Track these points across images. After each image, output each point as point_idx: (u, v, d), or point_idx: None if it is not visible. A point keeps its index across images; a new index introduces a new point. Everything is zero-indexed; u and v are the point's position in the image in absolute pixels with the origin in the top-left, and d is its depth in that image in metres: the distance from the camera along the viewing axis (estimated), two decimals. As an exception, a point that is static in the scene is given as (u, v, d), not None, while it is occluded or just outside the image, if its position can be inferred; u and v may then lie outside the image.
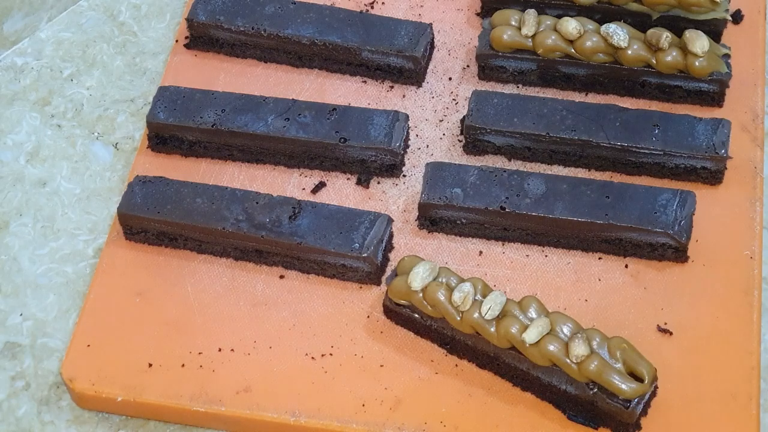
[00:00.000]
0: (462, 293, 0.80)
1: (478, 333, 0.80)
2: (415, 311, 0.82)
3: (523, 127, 0.91)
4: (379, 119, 0.91)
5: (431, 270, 0.81)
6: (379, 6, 1.01)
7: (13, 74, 1.01)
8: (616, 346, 0.78)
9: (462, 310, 0.80)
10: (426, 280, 0.81)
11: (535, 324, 0.78)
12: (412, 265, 0.82)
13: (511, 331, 0.78)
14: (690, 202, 0.86)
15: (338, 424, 0.81)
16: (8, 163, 0.96)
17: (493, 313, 0.79)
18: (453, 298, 0.80)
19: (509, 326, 0.78)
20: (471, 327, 0.80)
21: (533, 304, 0.80)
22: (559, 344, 0.78)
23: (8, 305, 0.89)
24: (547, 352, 0.77)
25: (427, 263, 0.81)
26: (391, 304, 0.83)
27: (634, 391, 0.77)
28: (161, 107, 0.92)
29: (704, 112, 0.93)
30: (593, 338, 0.78)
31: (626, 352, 0.78)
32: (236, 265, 0.88)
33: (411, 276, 0.81)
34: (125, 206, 0.88)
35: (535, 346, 0.78)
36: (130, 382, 0.82)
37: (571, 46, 0.93)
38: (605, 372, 0.77)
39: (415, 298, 0.81)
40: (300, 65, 0.98)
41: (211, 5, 0.98)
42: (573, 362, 0.77)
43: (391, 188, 0.91)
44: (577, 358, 0.77)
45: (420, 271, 0.81)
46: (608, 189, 0.87)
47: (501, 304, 0.79)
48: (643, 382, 0.77)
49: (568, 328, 0.78)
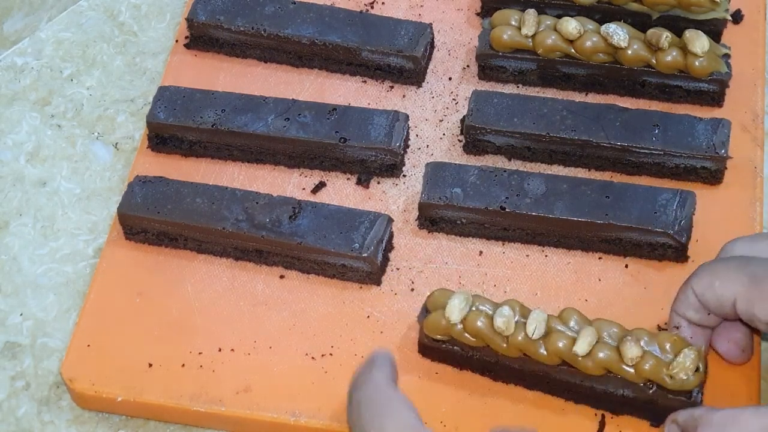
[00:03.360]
0: (504, 318, 0.78)
1: (525, 355, 0.79)
2: (456, 344, 0.80)
3: (523, 127, 0.91)
4: (379, 119, 0.91)
5: (467, 300, 0.79)
6: (379, 6, 1.01)
7: (13, 74, 1.01)
8: (665, 341, 0.77)
9: (506, 335, 0.78)
10: (464, 311, 0.79)
11: (582, 335, 0.77)
12: (444, 298, 0.80)
13: (560, 347, 0.77)
14: (690, 202, 0.86)
15: (338, 424, 0.81)
16: (8, 163, 0.96)
17: (539, 332, 0.77)
18: (496, 325, 0.78)
19: (557, 342, 0.77)
20: (518, 350, 0.78)
21: (574, 315, 0.79)
22: (610, 350, 0.77)
23: (8, 305, 0.89)
24: (600, 361, 0.77)
25: (461, 293, 0.80)
26: (429, 341, 0.81)
27: (695, 382, 0.76)
28: (161, 107, 0.92)
29: (704, 112, 0.93)
30: (641, 338, 0.77)
31: (676, 344, 0.77)
32: (236, 265, 0.88)
33: (448, 309, 0.79)
34: (125, 206, 0.88)
35: (588, 357, 0.77)
36: (130, 382, 0.82)
37: (571, 46, 0.93)
38: (661, 369, 0.76)
39: (455, 331, 0.79)
40: (300, 65, 0.98)
41: (211, 5, 0.98)
42: (629, 366, 0.76)
43: (391, 188, 0.91)
44: (632, 360, 0.76)
45: (456, 303, 0.79)
46: (608, 189, 0.87)
47: (544, 321, 0.78)
48: (698, 371, 0.76)
49: (614, 332, 0.78)
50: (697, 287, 0.77)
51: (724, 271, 0.75)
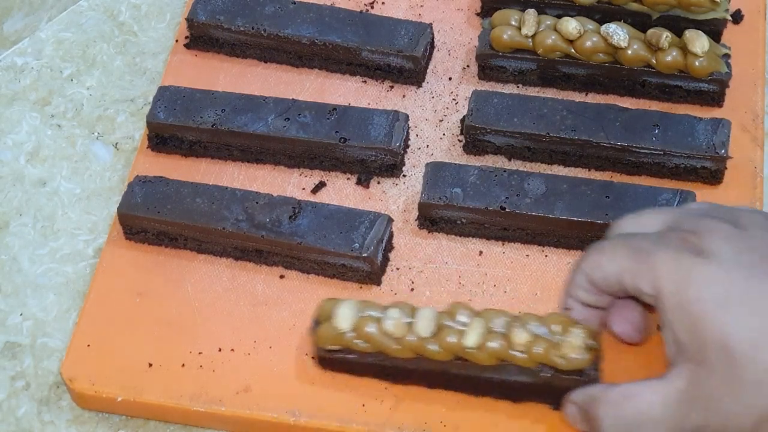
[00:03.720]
0: (393, 320, 0.78)
1: (419, 355, 0.79)
2: (351, 352, 0.80)
3: (523, 127, 0.91)
4: (379, 119, 0.91)
5: (354, 307, 0.79)
6: (379, 6, 1.01)
7: (13, 74, 1.01)
8: (554, 322, 0.77)
9: (398, 336, 0.78)
10: (353, 318, 0.79)
11: (471, 327, 0.77)
12: (333, 308, 0.80)
13: (451, 342, 0.77)
14: (690, 202, 0.85)
15: (338, 424, 0.81)
16: (8, 163, 0.96)
17: (428, 330, 0.78)
18: (386, 328, 0.78)
19: (447, 337, 0.77)
20: (411, 351, 0.78)
21: (461, 308, 0.79)
22: (501, 339, 0.77)
23: (8, 305, 0.89)
24: (491, 351, 0.77)
25: (348, 302, 0.79)
26: (324, 353, 0.81)
27: (587, 360, 0.76)
28: (161, 107, 0.92)
29: (704, 112, 0.93)
30: (530, 322, 0.78)
31: (565, 324, 0.77)
32: (236, 265, 0.88)
33: (337, 319, 0.79)
34: (125, 206, 0.88)
35: (479, 349, 0.77)
36: (130, 382, 0.82)
37: (571, 46, 0.93)
38: (551, 351, 0.76)
39: (346, 339, 0.79)
40: (300, 65, 0.98)
41: (211, 5, 0.98)
42: (520, 352, 0.77)
43: (391, 188, 0.91)
44: (522, 346, 0.77)
45: (344, 312, 0.79)
46: (608, 189, 0.87)
47: (433, 318, 0.78)
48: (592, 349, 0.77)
49: (503, 321, 0.78)
50: (586, 266, 0.76)
51: (609, 248, 0.75)
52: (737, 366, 0.68)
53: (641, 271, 0.72)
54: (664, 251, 0.72)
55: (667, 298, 0.71)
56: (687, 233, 0.73)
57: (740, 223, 0.73)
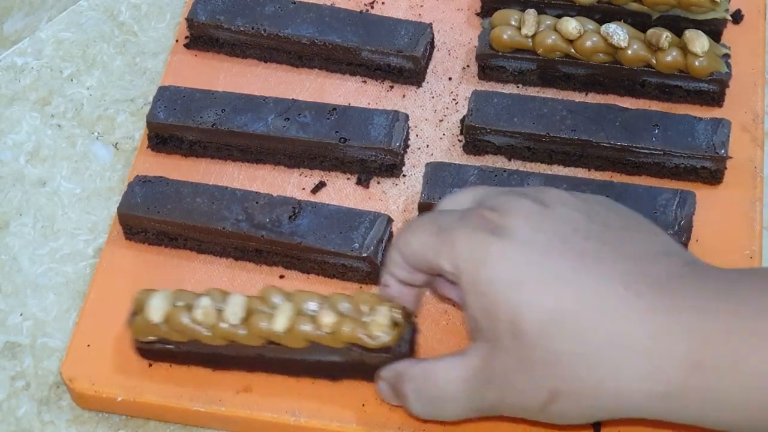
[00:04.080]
0: (202, 309, 0.78)
1: (232, 341, 0.79)
2: (168, 342, 0.80)
3: (523, 127, 0.91)
4: (379, 119, 0.91)
5: (166, 298, 0.79)
6: (379, 6, 1.01)
7: (13, 74, 1.01)
8: (359, 301, 0.78)
9: (208, 324, 0.78)
10: (164, 309, 0.79)
11: (280, 311, 0.78)
12: (145, 299, 0.80)
13: (262, 327, 0.78)
14: (690, 202, 0.85)
15: (338, 424, 0.81)
16: (8, 163, 0.96)
17: (237, 316, 0.78)
18: (196, 317, 0.78)
19: (258, 322, 0.78)
20: (222, 338, 0.79)
21: (273, 292, 0.79)
22: (310, 321, 0.77)
23: (8, 305, 0.89)
24: (300, 333, 0.77)
25: (160, 292, 0.80)
26: (141, 345, 0.81)
27: (392, 337, 0.77)
28: (161, 107, 0.92)
29: (704, 112, 0.93)
30: (338, 303, 0.78)
31: (371, 303, 0.78)
32: (236, 265, 0.88)
33: (148, 311, 0.79)
34: (125, 206, 0.88)
35: (288, 332, 0.77)
36: (130, 382, 0.82)
37: (571, 46, 0.93)
38: (358, 330, 0.77)
39: (160, 330, 0.79)
40: (300, 65, 0.98)
41: (211, 5, 0.98)
42: (327, 333, 0.77)
43: (391, 188, 0.91)
44: (330, 326, 0.77)
45: (155, 303, 0.79)
46: (608, 189, 0.87)
47: (242, 304, 0.78)
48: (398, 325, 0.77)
49: (313, 303, 0.78)
50: (397, 242, 0.76)
51: (418, 224, 0.75)
52: (527, 347, 0.67)
53: (442, 250, 0.71)
54: (463, 229, 0.71)
55: (464, 276, 0.70)
56: (487, 211, 0.71)
57: (544, 201, 0.72)
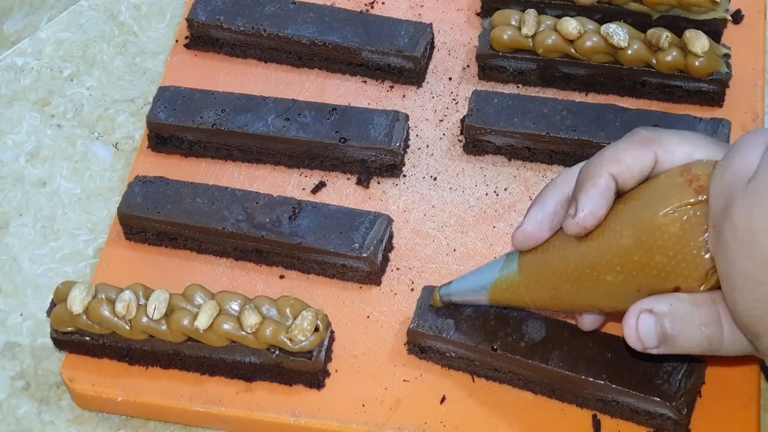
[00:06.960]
0: (123, 302, 0.79)
1: (151, 336, 0.80)
2: (85, 334, 0.81)
3: (523, 127, 0.91)
4: (379, 119, 0.91)
5: (87, 289, 0.80)
6: (379, 6, 1.01)
7: (13, 74, 1.01)
8: (284, 305, 0.79)
9: (129, 318, 0.79)
10: (85, 300, 0.80)
11: (203, 309, 0.79)
12: (67, 290, 0.81)
13: (183, 324, 0.78)
14: (698, 373, 0.80)
15: (338, 424, 0.81)
16: (8, 163, 0.96)
17: (159, 311, 0.79)
18: (116, 310, 0.79)
19: (180, 319, 0.79)
20: (142, 332, 0.80)
21: (197, 291, 0.80)
22: (232, 321, 0.78)
23: (8, 305, 0.89)
24: (222, 332, 0.78)
25: (82, 284, 0.80)
26: (58, 335, 0.82)
27: (312, 343, 0.78)
28: (161, 107, 0.92)
29: (704, 112, 0.93)
30: (262, 305, 0.79)
31: (294, 307, 0.79)
32: (236, 265, 0.88)
33: (69, 301, 0.80)
34: (125, 206, 0.88)
35: (210, 330, 0.78)
36: (130, 382, 0.82)
37: (571, 46, 0.93)
38: (280, 333, 0.78)
39: (80, 321, 0.80)
40: (300, 65, 0.98)
41: (211, 5, 0.98)
42: (249, 333, 0.78)
43: (391, 188, 0.91)
44: (252, 327, 0.78)
45: (77, 294, 0.80)
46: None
47: (165, 300, 0.79)
48: (318, 331, 0.79)
49: (236, 303, 0.79)
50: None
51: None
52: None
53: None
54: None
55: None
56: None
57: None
